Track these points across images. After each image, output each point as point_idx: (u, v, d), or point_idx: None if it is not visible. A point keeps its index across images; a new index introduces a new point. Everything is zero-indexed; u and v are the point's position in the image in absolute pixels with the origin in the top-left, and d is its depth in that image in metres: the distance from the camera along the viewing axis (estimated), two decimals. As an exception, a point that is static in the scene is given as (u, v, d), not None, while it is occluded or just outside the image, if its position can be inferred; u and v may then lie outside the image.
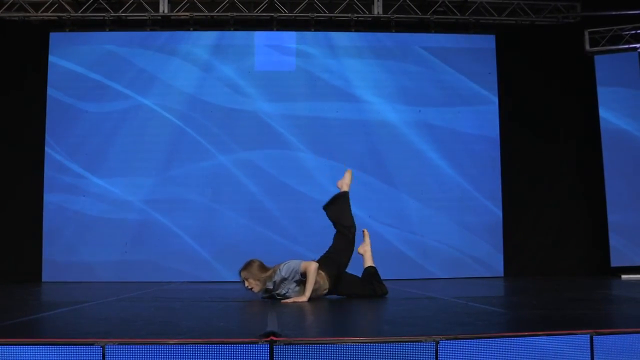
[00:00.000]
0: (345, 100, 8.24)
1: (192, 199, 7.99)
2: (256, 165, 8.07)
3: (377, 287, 5.01)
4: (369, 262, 5.18)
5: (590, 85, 8.35)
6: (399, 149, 8.21)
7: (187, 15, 8.26)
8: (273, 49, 8.29)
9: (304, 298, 4.52)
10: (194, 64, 8.20)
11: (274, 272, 4.63)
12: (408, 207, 8.14)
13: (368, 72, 8.31)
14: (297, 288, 4.65)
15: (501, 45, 8.50)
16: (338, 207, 5.10)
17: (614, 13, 8.26)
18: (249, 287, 4.64)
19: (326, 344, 2.45)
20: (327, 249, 5.00)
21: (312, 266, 4.57)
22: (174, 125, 8.08)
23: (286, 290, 4.66)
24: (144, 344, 2.45)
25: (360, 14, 8.36)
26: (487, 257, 8.14)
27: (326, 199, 5.26)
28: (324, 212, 5.17)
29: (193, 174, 8.04)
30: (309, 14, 8.29)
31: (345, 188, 5.20)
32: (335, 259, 4.89)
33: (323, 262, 4.77)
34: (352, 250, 5.03)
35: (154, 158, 8.03)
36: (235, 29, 8.35)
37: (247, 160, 8.07)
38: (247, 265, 4.66)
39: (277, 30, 8.36)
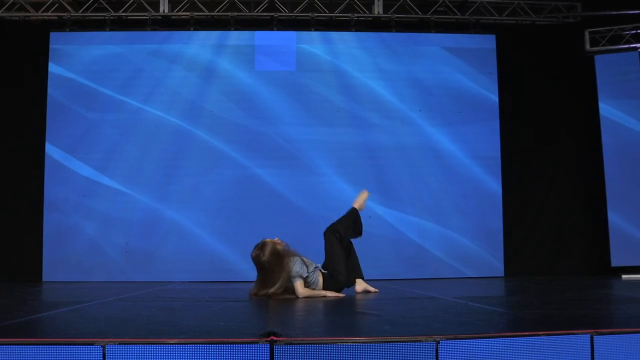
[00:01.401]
0: (345, 100, 8.24)
1: (193, 198, 7.99)
2: (255, 164, 8.07)
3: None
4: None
5: (591, 85, 8.36)
6: (398, 148, 8.21)
7: (187, 15, 8.26)
8: (273, 49, 8.29)
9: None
10: (194, 63, 8.20)
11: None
12: (407, 206, 8.14)
13: (368, 72, 8.31)
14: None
15: (501, 45, 8.49)
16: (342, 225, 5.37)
17: (614, 13, 8.26)
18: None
19: (326, 344, 2.45)
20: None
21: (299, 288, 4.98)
22: (173, 124, 8.08)
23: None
24: (144, 343, 2.45)
25: (360, 13, 8.36)
26: (487, 257, 8.14)
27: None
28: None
29: (193, 173, 8.03)
30: (309, 14, 8.29)
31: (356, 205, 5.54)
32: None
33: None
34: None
35: (155, 157, 8.03)
36: (236, 29, 8.35)
37: (245, 159, 8.07)
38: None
39: (278, 30, 8.36)
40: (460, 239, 8.11)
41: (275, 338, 2.46)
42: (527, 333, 2.60)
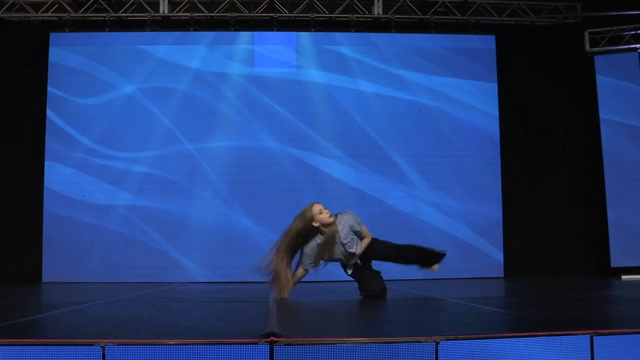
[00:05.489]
0: (346, 100, 8.24)
1: (195, 197, 7.99)
2: (256, 163, 8.07)
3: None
4: None
5: (590, 86, 8.36)
6: (398, 149, 8.21)
7: (187, 16, 8.26)
8: (273, 50, 8.29)
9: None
10: (194, 64, 8.20)
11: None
12: (407, 207, 8.14)
13: (368, 72, 8.31)
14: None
15: (501, 45, 8.50)
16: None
17: (614, 13, 8.26)
18: (328, 215, 4.80)
19: (326, 344, 2.45)
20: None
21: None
22: (171, 123, 8.08)
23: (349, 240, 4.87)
24: (144, 344, 2.45)
25: (360, 14, 8.35)
26: (487, 257, 8.14)
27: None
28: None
29: (194, 173, 8.04)
30: (309, 15, 8.29)
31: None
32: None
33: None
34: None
35: (155, 156, 8.03)
36: (235, 30, 8.35)
37: (245, 159, 8.07)
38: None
39: (277, 30, 8.36)
40: (460, 239, 8.10)
41: (275, 339, 2.46)
42: (527, 334, 2.60)
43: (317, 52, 8.32)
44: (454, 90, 8.35)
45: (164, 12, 8.18)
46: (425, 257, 5.21)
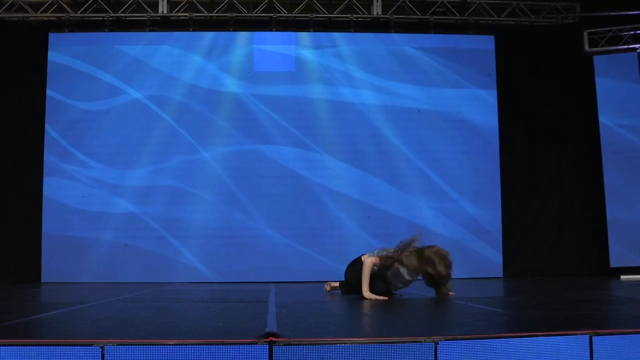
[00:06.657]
0: (345, 100, 8.24)
1: (194, 196, 7.98)
2: (255, 162, 8.07)
3: None
4: None
5: (590, 86, 8.36)
6: (396, 150, 8.21)
7: (186, 16, 8.26)
8: (272, 50, 8.29)
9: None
10: (193, 64, 8.20)
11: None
12: (407, 207, 8.14)
13: (367, 73, 8.31)
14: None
15: (500, 45, 8.50)
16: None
17: (613, 14, 8.27)
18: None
19: (326, 344, 2.45)
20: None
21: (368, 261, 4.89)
22: (170, 122, 8.08)
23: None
24: (143, 344, 2.45)
25: (359, 14, 8.36)
26: (487, 257, 8.14)
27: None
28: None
29: (193, 173, 8.04)
30: (309, 15, 8.29)
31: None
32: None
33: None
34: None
35: (156, 155, 8.03)
36: (235, 30, 8.35)
37: (245, 158, 8.08)
38: None
39: (277, 30, 8.36)
40: (460, 239, 8.10)
41: (274, 339, 2.46)
42: (526, 334, 2.60)
43: (316, 52, 8.31)
44: (453, 91, 8.35)
45: (163, 12, 8.17)
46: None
